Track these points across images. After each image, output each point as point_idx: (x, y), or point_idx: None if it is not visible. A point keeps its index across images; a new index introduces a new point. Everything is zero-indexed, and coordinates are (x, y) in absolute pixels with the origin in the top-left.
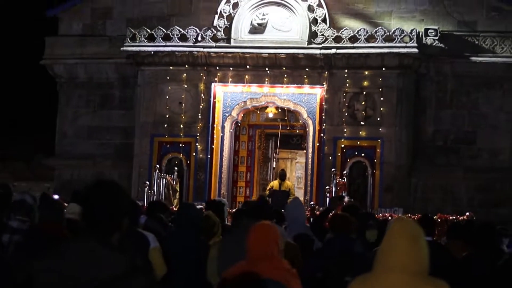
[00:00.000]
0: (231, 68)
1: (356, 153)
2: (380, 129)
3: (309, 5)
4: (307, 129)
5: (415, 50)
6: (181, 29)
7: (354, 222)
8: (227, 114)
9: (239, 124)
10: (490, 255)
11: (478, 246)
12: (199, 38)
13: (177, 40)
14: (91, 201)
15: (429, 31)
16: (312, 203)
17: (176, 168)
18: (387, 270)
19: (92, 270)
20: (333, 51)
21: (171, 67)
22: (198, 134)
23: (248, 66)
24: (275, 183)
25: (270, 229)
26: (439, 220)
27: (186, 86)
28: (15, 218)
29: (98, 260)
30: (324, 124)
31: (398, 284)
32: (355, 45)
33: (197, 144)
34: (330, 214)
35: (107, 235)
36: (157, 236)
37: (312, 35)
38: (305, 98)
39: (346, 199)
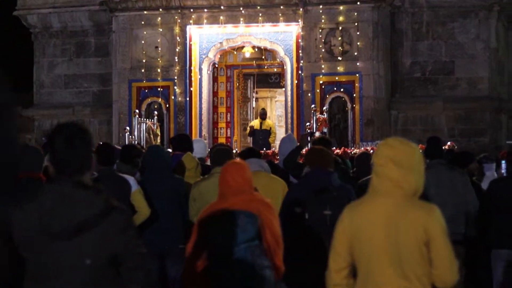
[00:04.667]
0: (205, 10)
1: (335, 88)
2: (358, 64)
3: None
4: (284, 67)
5: None
6: None
7: (331, 155)
8: (203, 56)
9: (217, 66)
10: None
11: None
12: None
13: None
14: (56, 144)
15: None
16: (308, 130)
17: (155, 112)
18: (377, 194)
19: (68, 212)
20: None
21: (145, 12)
22: (176, 77)
23: (222, 7)
24: (256, 123)
25: (241, 167)
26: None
27: (161, 30)
28: None
29: (72, 202)
30: (302, 61)
31: (387, 207)
32: None
33: (175, 87)
34: (302, 150)
35: (77, 175)
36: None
37: None
38: (281, 36)
39: (317, 134)
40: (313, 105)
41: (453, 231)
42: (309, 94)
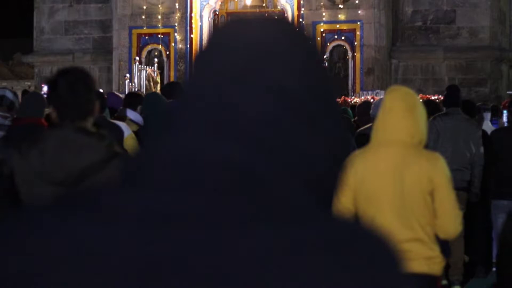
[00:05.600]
0: None
1: (335, 36)
2: (359, 12)
3: None
4: (285, 15)
5: None
6: None
7: None
8: (204, 3)
9: (217, 13)
10: None
11: None
12: None
13: None
14: (59, 89)
15: None
16: None
17: (156, 59)
18: (382, 144)
19: (72, 157)
20: None
21: None
22: (176, 24)
23: None
24: None
25: None
26: (421, 100)
27: None
28: None
29: (76, 147)
30: (303, 9)
31: (393, 157)
32: None
33: (176, 34)
34: None
35: (80, 121)
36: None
37: None
38: None
39: None
40: None
41: (461, 179)
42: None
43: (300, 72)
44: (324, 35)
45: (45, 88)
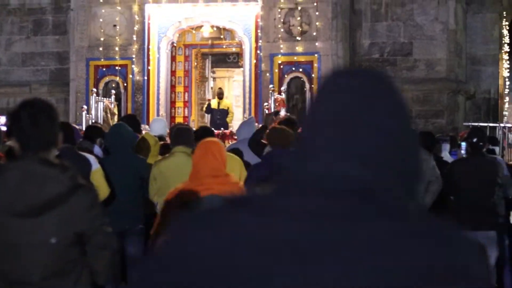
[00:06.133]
0: None
1: (293, 68)
2: (317, 44)
3: None
4: (243, 47)
5: None
6: None
7: (292, 135)
8: (162, 35)
9: (175, 45)
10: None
11: None
12: None
13: None
14: (22, 120)
15: None
16: (274, 109)
17: (113, 91)
18: None
19: (34, 189)
20: None
21: None
22: (134, 56)
23: None
24: (213, 103)
25: (215, 145)
26: None
27: (119, 8)
28: None
29: (38, 179)
30: (260, 41)
31: None
32: None
33: (133, 66)
34: (266, 130)
35: (43, 152)
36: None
37: None
38: (240, 15)
39: (282, 113)
40: (271, 85)
41: None
42: (268, 74)
43: (394, 113)
44: (282, 67)
45: (3, 120)
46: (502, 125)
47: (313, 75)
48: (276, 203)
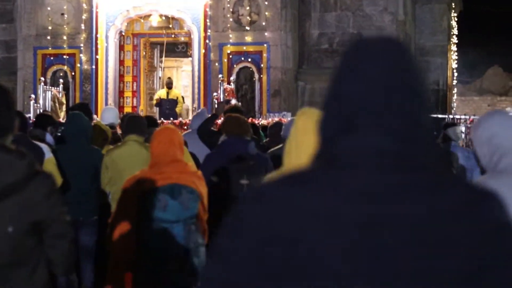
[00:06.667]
0: None
1: (242, 58)
2: (266, 34)
3: None
4: (192, 36)
5: None
6: None
7: (247, 123)
8: (110, 24)
9: (123, 34)
10: None
11: None
12: None
13: None
14: None
15: None
16: (227, 99)
17: (61, 80)
18: (296, 166)
19: None
20: None
21: None
22: (82, 45)
23: None
24: (162, 92)
25: (173, 132)
26: None
27: None
28: None
29: None
30: (209, 31)
31: None
32: None
33: (81, 55)
34: (217, 118)
35: (0, 138)
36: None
37: None
38: (189, 4)
39: (233, 102)
40: (220, 75)
41: None
42: (217, 64)
43: (419, 80)
44: (231, 56)
45: None
46: (450, 116)
47: (262, 65)
48: (323, 179)
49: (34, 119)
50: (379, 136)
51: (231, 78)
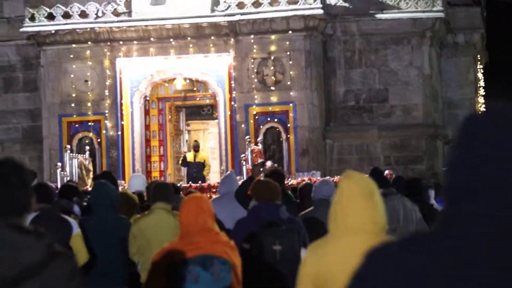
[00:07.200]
0: (135, 42)
1: (268, 119)
2: (291, 93)
3: None
4: (217, 98)
5: (320, 11)
6: (80, 6)
7: (278, 188)
8: (134, 89)
9: (148, 98)
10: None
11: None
12: (100, 14)
13: (78, 17)
14: None
15: None
16: (261, 160)
17: (87, 147)
18: (344, 232)
19: (6, 258)
20: (237, 17)
21: (73, 45)
22: (107, 111)
23: (152, 39)
24: (189, 155)
25: (202, 200)
26: None
27: (90, 63)
28: None
29: (11, 247)
30: (234, 92)
31: (357, 245)
32: (259, 10)
33: (106, 121)
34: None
35: (14, 217)
36: (69, 215)
37: (215, 2)
38: (213, 67)
39: (269, 163)
40: (247, 136)
41: None
42: (243, 125)
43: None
44: (257, 117)
45: None
46: None
47: (289, 125)
48: (442, 244)
49: (59, 189)
50: (490, 203)
51: (258, 139)
